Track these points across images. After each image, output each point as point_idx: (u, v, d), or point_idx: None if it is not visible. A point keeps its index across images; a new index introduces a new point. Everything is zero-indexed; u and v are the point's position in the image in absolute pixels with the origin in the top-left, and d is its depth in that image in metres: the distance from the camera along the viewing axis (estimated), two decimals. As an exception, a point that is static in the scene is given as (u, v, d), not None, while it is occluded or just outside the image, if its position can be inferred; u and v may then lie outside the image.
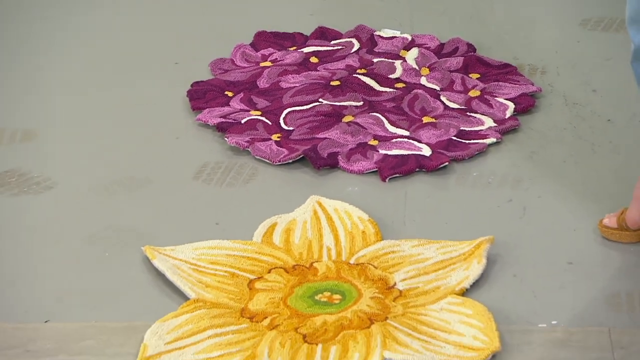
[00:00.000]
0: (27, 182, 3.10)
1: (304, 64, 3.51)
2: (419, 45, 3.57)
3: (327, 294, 2.76)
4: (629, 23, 2.66)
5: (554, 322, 2.66)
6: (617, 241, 2.85)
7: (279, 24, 3.68)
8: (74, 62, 3.58)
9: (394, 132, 3.24)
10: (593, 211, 2.96)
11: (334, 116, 3.28)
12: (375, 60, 3.52)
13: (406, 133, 3.23)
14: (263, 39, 3.63)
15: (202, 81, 3.44)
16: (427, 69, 3.48)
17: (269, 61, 3.53)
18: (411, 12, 3.77)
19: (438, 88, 3.39)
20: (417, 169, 3.10)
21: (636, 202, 2.83)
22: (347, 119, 3.28)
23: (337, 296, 2.75)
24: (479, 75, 3.45)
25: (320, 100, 3.34)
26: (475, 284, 2.76)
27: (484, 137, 3.21)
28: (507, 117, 3.27)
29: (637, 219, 2.83)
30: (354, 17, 3.71)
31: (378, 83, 3.42)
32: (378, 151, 3.16)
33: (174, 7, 3.81)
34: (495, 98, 3.34)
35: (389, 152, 3.16)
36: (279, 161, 3.13)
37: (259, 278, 2.79)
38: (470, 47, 3.56)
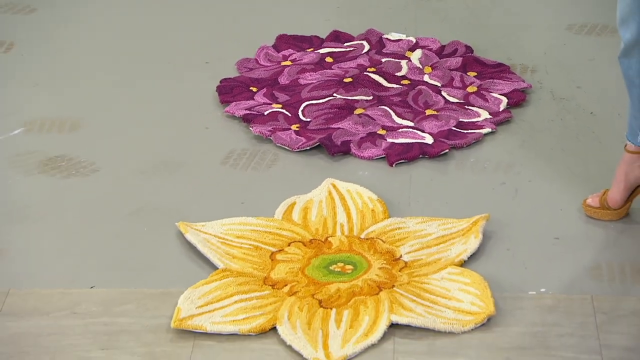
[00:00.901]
0: (75, 166, 3.10)
1: (320, 63, 3.49)
2: (422, 47, 3.54)
3: (341, 264, 2.75)
4: (619, 23, 2.66)
5: (542, 290, 2.66)
6: (599, 219, 2.83)
7: (298, 28, 3.66)
8: (114, 60, 3.56)
9: (400, 123, 3.22)
10: (577, 193, 2.94)
11: (346, 109, 3.27)
12: (383, 60, 3.49)
13: (411, 124, 3.21)
14: (284, 41, 3.62)
15: (229, 78, 3.43)
16: (430, 68, 3.45)
17: (289, 61, 3.52)
18: (416, 18, 3.74)
19: (439, 84, 3.37)
20: (421, 156, 3.08)
21: (616, 184, 2.82)
22: (359, 111, 3.26)
23: (349, 267, 2.74)
24: (475, 74, 3.41)
25: (335, 95, 3.32)
26: (473, 257, 2.75)
27: (480, 127, 3.18)
28: (501, 110, 3.25)
29: (617, 199, 2.81)
30: (365, 23, 3.68)
31: (386, 80, 3.40)
32: (386, 140, 3.15)
33: (205, 13, 3.79)
34: (491, 93, 3.31)
35: (396, 141, 3.14)
36: (298, 148, 3.12)
37: (279, 250, 2.79)
38: (468, 49, 3.53)
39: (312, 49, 3.57)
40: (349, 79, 3.39)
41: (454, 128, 3.18)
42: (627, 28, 2.63)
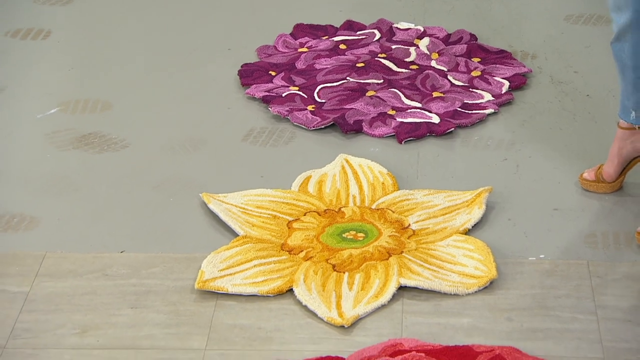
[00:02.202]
0: (107, 142, 3.08)
1: (334, 50, 3.46)
2: (429, 35, 3.50)
3: (353, 232, 2.73)
4: (612, 10, 2.63)
5: (541, 256, 2.64)
6: (594, 191, 2.81)
7: (314, 18, 3.62)
8: (144, 48, 3.53)
9: (408, 104, 3.18)
10: (574, 168, 2.91)
11: (359, 91, 3.23)
12: (393, 47, 3.44)
13: (419, 105, 3.17)
14: (301, 30, 3.59)
15: (250, 63, 3.39)
16: (437, 54, 3.42)
17: (306, 47, 3.48)
18: (424, 9, 3.70)
19: (446, 69, 3.33)
20: (428, 134, 3.05)
21: (610, 159, 2.80)
22: (370, 93, 3.23)
23: (361, 234, 2.72)
24: (479, 59, 3.38)
25: (348, 78, 3.27)
26: (476, 226, 2.73)
27: (484, 108, 3.15)
28: (503, 92, 3.20)
29: (611, 172, 2.79)
30: (376, 13, 3.64)
31: (396, 65, 3.36)
32: (395, 119, 3.11)
33: (227, 6, 3.76)
34: (493, 77, 3.27)
35: (405, 120, 3.11)
36: (313, 127, 3.09)
37: (296, 219, 2.76)
38: (473, 37, 3.48)
39: (327, 37, 3.53)
40: (361, 64, 3.36)
41: (459, 109, 3.15)
42: (621, 13, 2.60)
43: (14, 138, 3.13)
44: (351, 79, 3.31)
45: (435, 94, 3.24)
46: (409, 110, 3.16)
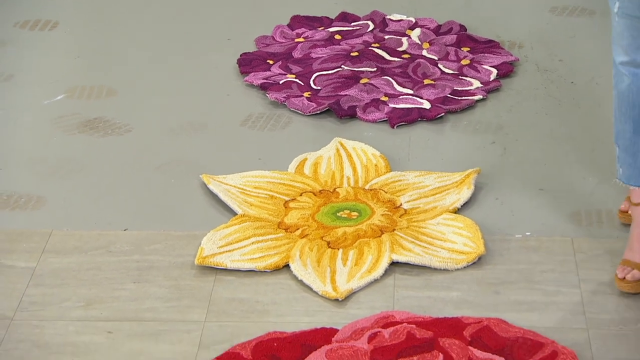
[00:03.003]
0: (111, 127, 3.06)
1: (329, 40, 3.43)
2: (421, 26, 3.47)
3: (347, 211, 2.70)
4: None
5: (527, 233, 2.62)
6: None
7: (310, 10, 3.60)
8: (147, 38, 3.51)
9: (400, 90, 3.15)
10: (559, 150, 2.90)
11: (353, 79, 3.20)
12: (386, 37, 3.42)
13: (410, 92, 3.15)
14: (297, 21, 3.55)
15: (249, 52, 3.37)
16: (428, 44, 3.39)
17: (302, 37, 3.45)
18: (416, 1, 3.66)
19: (436, 58, 3.30)
20: (419, 119, 3.02)
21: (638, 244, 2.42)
22: (364, 80, 3.20)
23: (355, 213, 2.70)
24: (469, 49, 3.35)
25: (342, 66, 3.25)
26: (465, 205, 2.71)
27: (473, 94, 3.12)
28: (491, 79, 3.18)
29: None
30: (370, 5, 3.61)
31: (388, 54, 3.33)
32: (388, 105, 3.09)
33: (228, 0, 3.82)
34: (482, 65, 3.25)
35: (397, 106, 3.09)
36: (309, 112, 3.06)
37: (292, 199, 2.74)
38: (462, 28, 3.46)
39: (322, 28, 3.51)
40: (356, 53, 3.33)
41: (449, 95, 3.12)
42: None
43: (22, 123, 3.11)
44: (346, 67, 3.28)
45: (426, 81, 3.21)
46: (401, 97, 3.14)
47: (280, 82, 3.21)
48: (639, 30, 2.28)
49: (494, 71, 3.24)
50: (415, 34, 3.46)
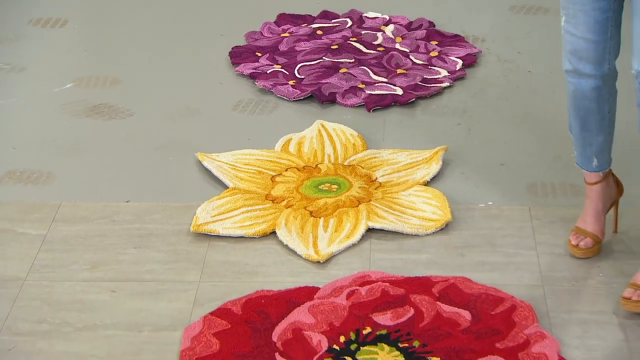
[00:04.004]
0: (115, 111, 3.02)
1: (312, 35, 3.39)
2: (394, 23, 3.43)
3: (328, 184, 2.67)
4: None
5: (489, 203, 2.60)
6: (595, 255, 2.34)
7: (294, 9, 3.56)
8: (148, 34, 3.46)
9: (376, 79, 3.12)
10: (517, 130, 2.87)
11: (333, 68, 3.17)
12: (363, 32, 3.38)
13: (385, 80, 3.11)
14: (283, 18, 3.51)
15: (239, 46, 3.32)
16: (400, 38, 3.35)
17: (287, 33, 3.41)
18: (390, 0, 3.68)
19: (408, 50, 3.27)
20: (393, 103, 3.00)
21: (596, 219, 2.35)
22: (343, 70, 3.16)
23: (335, 186, 2.66)
24: (437, 42, 3.32)
25: (324, 58, 3.21)
26: (434, 178, 2.69)
27: (441, 82, 3.09)
28: (457, 69, 3.16)
29: (603, 229, 2.37)
30: (348, 4, 3.58)
31: (365, 47, 3.29)
32: (365, 91, 3.05)
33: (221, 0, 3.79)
34: (449, 57, 3.22)
35: (373, 92, 3.05)
36: (294, 98, 3.03)
37: (278, 174, 2.71)
38: (431, 24, 3.42)
39: (305, 24, 3.47)
40: (335, 46, 3.29)
41: (419, 83, 3.09)
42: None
43: (35, 108, 3.07)
44: (327, 59, 3.25)
45: (399, 71, 3.19)
46: (376, 84, 3.11)
47: (268, 72, 3.18)
48: (580, 45, 2.25)
49: (460, 62, 3.21)
50: (389, 29, 3.44)
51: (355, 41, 3.36)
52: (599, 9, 2.21)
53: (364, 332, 2.21)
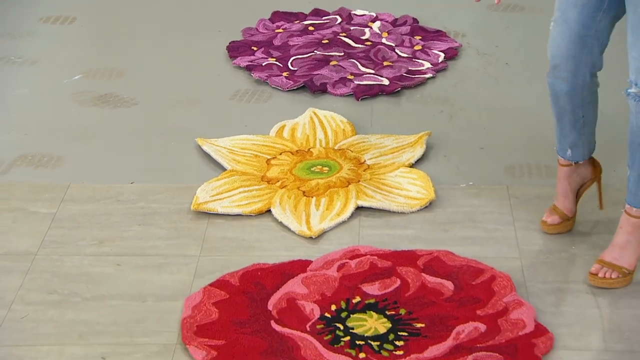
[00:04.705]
0: (120, 101, 2.99)
1: (304, 31, 3.35)
2: (380, 20, 3.40)
3: (319, 166, 2.64)
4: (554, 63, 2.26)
5: (470, 183, 2.58)
6: (561, 232, 2.32)
7: (288, 7, 3.52)
8: (152, 30, 3.42)
9: (364, 70, 3.08)
10: (496, 117, 2.84)
11: (324, 61, 3.13)
12: (351, 28, 3.35)
13: (372, 71, 3.08)
14: (277, 16, 3.47)
15: (236, 41, 3.29)
16: (386, 33, 3.32)
17: (281, 29, 3.37)
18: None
19: (393, 45, 3.24)
20: (380, 93, 2.97)
21: (565, 197, 2.34)
22: (333, 63, 3.12)
23: (326, 168, 2.63)
24: (420, 37, 3.29)
25: (315, 51, 3.19)
26: (418, 161, 2.66)
27: (424, 73, 3.07)
28: (439, 61, 3.13)
29: (571, 208, 2.34)
30: (338, 2, 3.53)
31: (353, 42, 3.26)
32: (353, 82, 3.02)
33: None
34: (432, 50, 3.20)
35: (361, 83, 3.02)
36: (288, 88, 3.00)
37: (273, 158, 2.67)
38: (415, 20, 3.40)
39: (298, 21, 3.44)
40: (326, 41, 3.26)
41: (404, 74, 3.07)
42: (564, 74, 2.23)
43: (45, 98, 3.03)
44: (318, 52, 3.21)
45: (385, 63, 3.16)
46: (364, 75, 3.07)
47: (263, 64, 3.14)
48: (557, 52, 2.17)
49: (442, 55, 3.19)
50: (375, 25, 3.40)
51: (344, 36, 3.33)
52: (582, 24, 2.15)
53: (354, 301, 2.19)
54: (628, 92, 2.13)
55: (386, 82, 3.06)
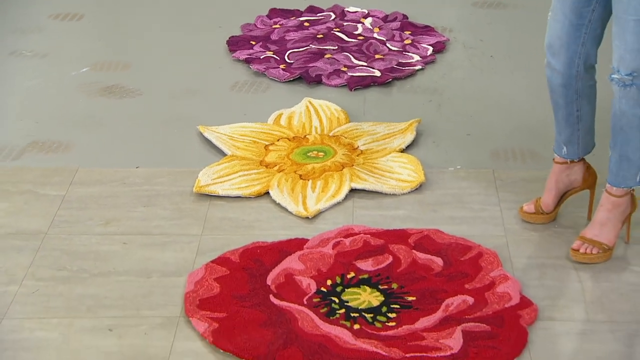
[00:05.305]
0: (125, 91, 2.95)
1: (300, 26, 3.33)
2: (372, 16, 3.37)
3: (315, 152, 2.62)
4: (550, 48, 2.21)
5: (458, 167, 2.56)
6: (534, 222, 2.29)
7: (284, 4, 3.48)
8: (156, 26, 3.38)
9: (357, 63, 3.05)
10: (481, 106, 2.81)
11: (319, 54, 3.10)
12: (345, 23, 3.32)
13: (365, 64, 3.06)
14: (274, 12, 3.43)
15: (236, 36, 3.26)
16: (378, 29, 3.29)
17: (278, 25, 3.33)
18: (367, -2, 3.68)
19: (385, 39, 3.21)
20: (372, 84, 2.94)
21: (548, 191, 2.30)
22: (327, 56, 3.09)
23: (321, 153, 2.61)
24: (410, 32, 3.27)
25: (310, 45, 3.16)
26: (409, 146, 2.64)
27: (414, 65, 3.04)
28: (428, 54, 3.11)
29: (550, 203, 2.30)
30: (332, 0, 3.55)
31: (347, 36, 3.23)
32: (347, 74, 2.99)
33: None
34: (421, 44, 3.17)
35: (354, 74, 2.99)
36: (284, 79, 2.97)
37: (271, 144, 2.65)
38: (405, 16, 3.37)
39: (294, 17, 3.41)
40: (321, 36, 3.23)
41: (395, 66, 3.04)
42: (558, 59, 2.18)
43: (54, 89, 3.00)
44: (313, 46, 3.18)
45: (377, 56, 3.13)
46: (357, 67, 3.04)
47: (261, 57, 3.11)
48: (554, 41, 2.14)
49: (430, 48, 3.16)
50: (367, 21, 3.38)
51: (338, 31, 3.30)
52: (577, 13, 2.12)
53: (348, 276, 2.17)
54: (612, 77, 2.10)
55: (378, 73, 3.03)
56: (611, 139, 2.16)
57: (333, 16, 3.45)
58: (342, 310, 2.06)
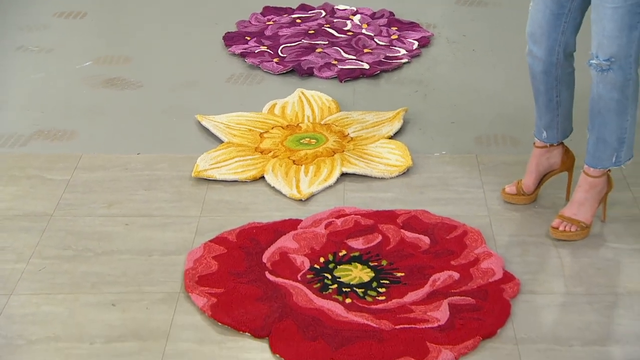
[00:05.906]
0: (127, 83, 2.92)
1: (292, 23, 3.30)
2: (360, 13, 3.35)
3: (307, 139, 2.60)
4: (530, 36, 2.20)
5: (443, 152, 2.54)
6: (516, 203, 2.27)
7: (278, 2, 3.44)
8: (156, 23, 3.34)
9: (346, 57, 3.03)
10: (464, 96, 2.80)
11: (310, 49, 3.08)
12: (335, 20, 3.30)
13: (354, 57, 3.03)
14: (268, 10, 3.40)
15: (231, 32, 3.23)
16: (366, 25, 3.27)
17: (272, 21, 3.31)
18: (356, -4, 3.66)
19: (372, 34, 3.19)
20: (361, 76, 2.92)
21: (529, 174, 2.29)
22: (319, 50, 3.07)
23: (314, 140, 2.59)
24: (396, 28, 3.25)
25: (302, 40, 3.13)
26: (397, 134, 2.62)
27: (400, 59, 3.02)
28: (414, 49, 3.09)
29: (530, 185, 2.29)
30: (322, -1, 3.61)
31: (337, 32, 3.21)
32: (337, 66, 2.97)
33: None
34: (407, 39, 3.15)
35: (344, 67, 2.97)
36: (278, 72, 2.94)
37: (266, 131, 2.62)
38: (391, 14, 3.34)
39: (286, 15, 3.37)
40: (312, 32, 3.21)
41: (382, 59, 3.03)
42: (539, 46, 2.17)
43: (59, 81, 2.97)
44: (305, 41, 3.16)
45: (365, 50, 3.10)
46: (346, 61, 3.02)
47: (256, 52, 3.09)
48: (535, 29, 2.12)
49: (416, 43, 3.14)
50: (356, 18, 3.35)
51: (328, 27, 3.27)
52: (557, 3, 2.10)
53: (340, 254, 2.15)
54: (590, 62, 2.09)
55: (366, 66, 3.01)
56: (589, 122, 2.16)
57: (323, 13, 3.42)
58: (335, 286, 2.04)
